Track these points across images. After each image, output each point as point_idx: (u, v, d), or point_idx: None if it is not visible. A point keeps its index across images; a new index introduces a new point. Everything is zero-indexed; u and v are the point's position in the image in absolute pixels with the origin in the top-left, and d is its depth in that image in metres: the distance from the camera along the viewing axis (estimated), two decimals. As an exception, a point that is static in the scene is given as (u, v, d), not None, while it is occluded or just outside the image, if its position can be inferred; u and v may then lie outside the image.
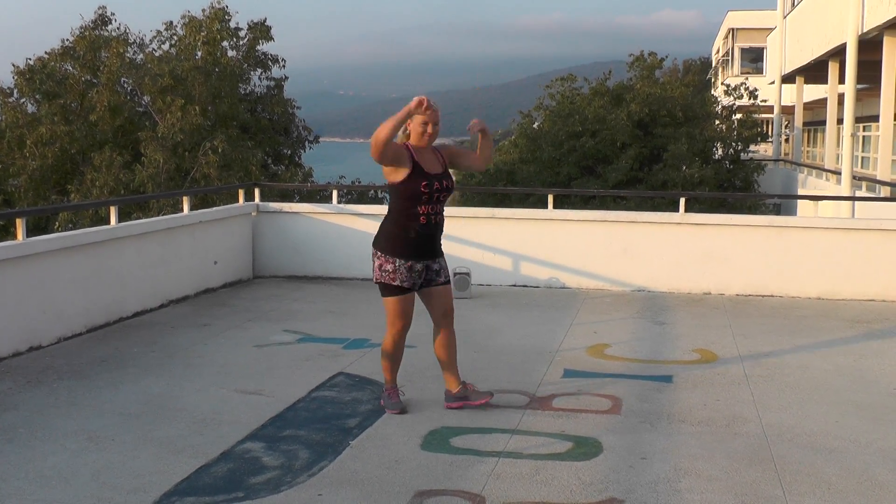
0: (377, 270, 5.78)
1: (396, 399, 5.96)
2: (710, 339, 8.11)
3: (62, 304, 7.91)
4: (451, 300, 5.98)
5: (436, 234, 5.83)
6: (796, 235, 10.31)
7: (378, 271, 5.77)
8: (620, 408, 6.05)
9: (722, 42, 51.25)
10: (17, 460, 5.02)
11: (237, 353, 7.43)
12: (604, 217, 10.80)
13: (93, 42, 24.92)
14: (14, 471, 4.86)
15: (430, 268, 5.85)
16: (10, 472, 4.84)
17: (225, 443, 5.29)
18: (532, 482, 4.73)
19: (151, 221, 9.69)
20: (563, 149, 25.37)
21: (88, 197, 21.73)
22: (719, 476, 4.84)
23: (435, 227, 5.79)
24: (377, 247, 5.80)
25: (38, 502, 4.49)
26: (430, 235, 5.79)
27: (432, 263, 5.86)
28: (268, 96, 27.59)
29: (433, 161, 5.80)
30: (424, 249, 5.79)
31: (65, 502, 4.48)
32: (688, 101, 26.53)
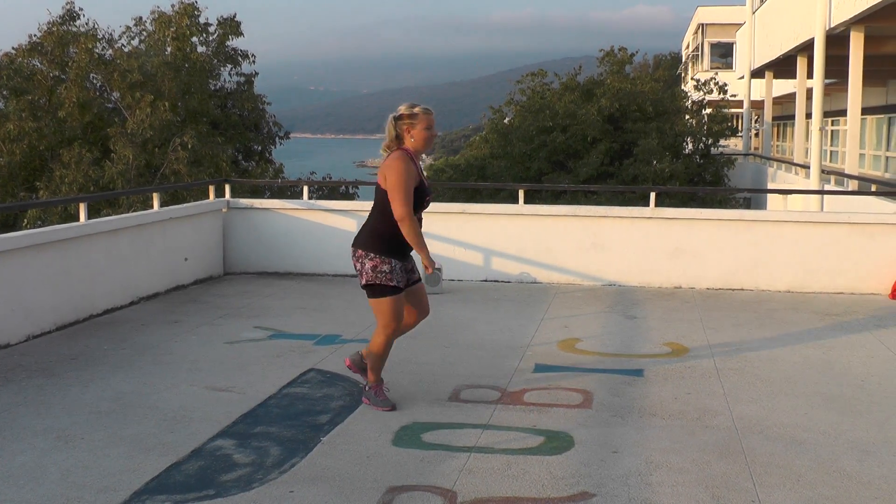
0: (370, 272, 5.68)
1: (384, 396, 5.95)
2: (680, 333, 8.15)
3: (31, 301, 7.84)
4: (426, 296, 6.10)
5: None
6: (766, 229, 10.38)
7: (371, 273, 5.68)
8: (592, 402, 6.07)
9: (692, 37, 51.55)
10: (-14, 460, 4.97)
11: (208, 350, 7.40)
12: (574, 212, 10.82)
13: (61, 37, 24.69)
14: (-18, 470, 4.82)
15: (408, 267, 5.90)
16: (-21, 472, 4.80)
17: (196, 440, 5.26)
18: (504, 477, 4.73)
19: (121, 218, 9.63)
20: (533, 144, 25.44)
21: (57, 194, 21.55)
22: (690, 469, 4.87)
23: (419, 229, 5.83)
24: (369, 249, 5.70)
25: (7, 502, 4.44)
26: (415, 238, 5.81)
27: (409, 262, 5.91)
28: (238, 92, 27.46)
29: (419, 168, 5.83)
30: (408, 250, 5.82)
31: (34, 502, 4.44)
32: (658, 96, 26.69)
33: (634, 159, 24.73)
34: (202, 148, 22.59)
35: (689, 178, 25.35)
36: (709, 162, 26.94)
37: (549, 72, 28.74)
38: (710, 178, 26.54)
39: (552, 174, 24.85)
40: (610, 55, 28.13)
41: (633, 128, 25.42)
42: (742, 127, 35.59)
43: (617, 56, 28.09)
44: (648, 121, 25.62)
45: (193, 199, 13.38)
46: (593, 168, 24.37)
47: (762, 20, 29.41)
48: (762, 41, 29.28)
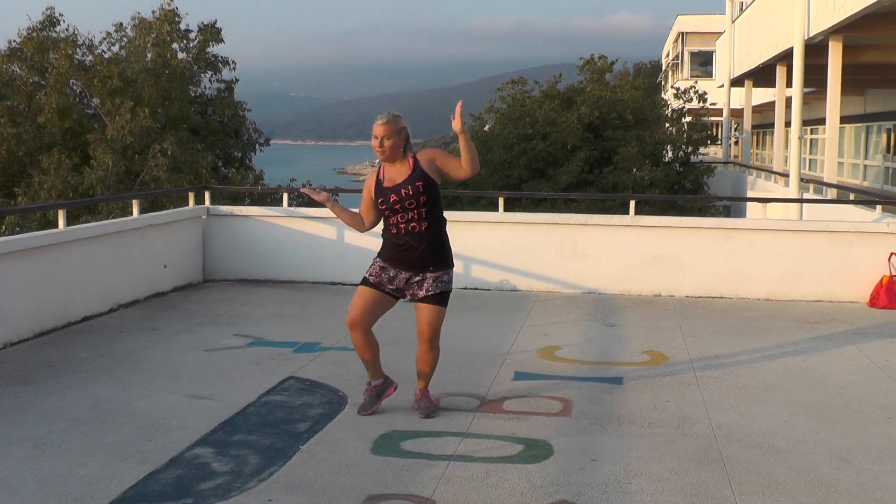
0: None
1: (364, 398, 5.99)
2: (660, 341, 8.17)
3: (9, 308, 7.79)
4: (429, 320, 5.78)
5: (417, 245, 5.67)
6: (745, 237, 10.42)
7: None
8: (571, 410, 6.07)
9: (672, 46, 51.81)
10: (-39, 468, 4.94)
11: (187, 358, 7.37)
12: (554, 220, 10.84)
13: (41, 43, 24.59)
14: (-42, 479, 4.78)
15: (410, 280, 5.74)
16: (-46, 481, 4.76)
17: (174, 449, 5.23)
18: (483, 485, 4.73)
19: (100, 225, 9.59)
20: (513, 151, 25.46)
21: (36, 200, 21.45)
22: (669, 477, 4.88)
23: (410, 235, 5.66)
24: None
25: (-17, 511, 4.42)
26: (407, 245, 5.68)
27: (414, 276, 5.73)
28: (218, 98, 27.42)
29: (400, 172, 5.70)
30: (402, 260, 5.71)
31: (10, 511, 4.42)
32: (638, 104, 26.77)
33: (614, 167, 24.78)
34: (182, 154, 22.54)
35: (668, 186, 25.42)
36: (689, 170, 27.03)
37: (529, 79, 28.80)
38: (689, 186, 26.62)
39: (532, 182, 24.87)
40: (590, 63, 28.19)
41: (612, 136, 25.48)
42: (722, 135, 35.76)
43: (597, 64, 28.15)
44: (628, 129, 25.68)
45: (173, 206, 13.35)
46: (573, 176, 24.40)
47: (742, 29, 29.58)
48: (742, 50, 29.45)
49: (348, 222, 6.06)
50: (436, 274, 5.73)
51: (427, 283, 5.72)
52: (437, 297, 5.75)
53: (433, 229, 5.71)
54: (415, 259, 5.70)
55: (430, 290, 5.72)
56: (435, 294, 5.73)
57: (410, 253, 5.69)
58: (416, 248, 5.68)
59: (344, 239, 10.83)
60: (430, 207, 5.69)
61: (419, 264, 5.71)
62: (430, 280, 5.72)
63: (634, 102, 26.62)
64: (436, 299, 5.75)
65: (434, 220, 5.72)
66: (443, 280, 5.75)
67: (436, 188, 5.71)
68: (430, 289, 5.72)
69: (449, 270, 5.81)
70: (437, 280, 5.73)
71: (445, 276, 5.77)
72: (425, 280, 5.72)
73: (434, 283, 5.73)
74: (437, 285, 5.73)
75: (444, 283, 5.76)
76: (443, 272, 5.75)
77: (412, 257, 5.70)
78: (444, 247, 5.80)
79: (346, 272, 10.84)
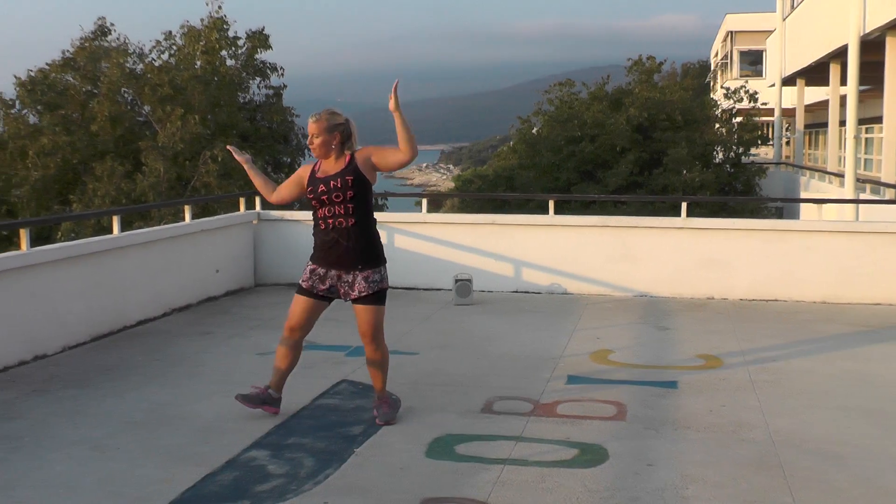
0: None
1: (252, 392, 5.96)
2: (713, 345, 8.09)
3: (66, 313, 7.90)
4: (367, 320, 5.77)
5: (344, 242, 5.66)
6: (799, 239, 10.29)
7: None
8: (625, 414, 6.03)
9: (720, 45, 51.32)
10: (24, 469, 5.01)
11: (240, 361, 7.42)
12: (605, 222, 10.78)
13: (93, 53, 24.93)
14: (20, 479, 4.86)
15: (341, 278, 5.73)
16: (17, 481, 4.83)
17: (230, 451, 5.27)
18: (538, 490, 4.71)
19: (153, 231, 9.69)
20: (562, 154, 25.39)
21: (90, 207, 21.73)
22: (726, 483, 4.82)
23: (336, 231, 5.66)
24: None
25: (44, 513, 4.48)
26: (334, 241, 5.68)
27: (344, 275, 5.72)
28: (267, 104, 27.59)
29: (334, 167, 5.72)
30: (330, 257, 5.71)
31: (70, 513, 4.47)
32: (687, 105, 26.56)
33: (664, 169, 24.61)
34: (232, 160, 22.70)
35: (719, 188, 25.20)
36: (740, 171, 26.77)
37: (576, 81, 28.69)
38: (741, 187, 26.37)
39: (581, 184, 24.77)
40: (638, 64, 28.02)
41: (662, 137, 25.30)
42: (773, 135, 35.37)
43: (645, 65, 27.98)
44: (678, 130, 25.48)
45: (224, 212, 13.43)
46: (622, 178, 24.26)
47: (793, 27, 29.24)
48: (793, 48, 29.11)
49: (260, 187, 6.16)
50: (365, 273, 5.71)
51: (358, 283, 5.70)
52: (372, 297, 5.73)
53: (360, 226, 5.68)
54: (343, 256, 5.69)
55: (363, 291, 5.70)
56: (368, 294, 5.72)
57: (338, 250, 5.68)
58: (342, 244, 5.67)
59: (393, 243, 10.85)
60: (358, 204, 5.67)
61: (348, 262, 5.69)
62: (361, 280, 5.70)
63: (683, 103, 26.42)
64: (370, 299, 5.73)
65: (361, 216, 5.70)
66: (373, 280, 5.72)
67: (366, 185, 5.70)
68: (363, 290, 5.70)
69: (380, 269, 5.77)
70: (368, 280, 5.71)
71: (376, 275, 5.74)
72: (356, 280, 5.70)
73: (365, 283, 5.70)
74: (370, 285, 5.71)
75: (376, 283, 5.74)
76: (372, 271, 5.73)
77: (340, 254, 5.68)
78: (373, 245, 5.77)
79: (396, 276, 10.76)
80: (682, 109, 26.16)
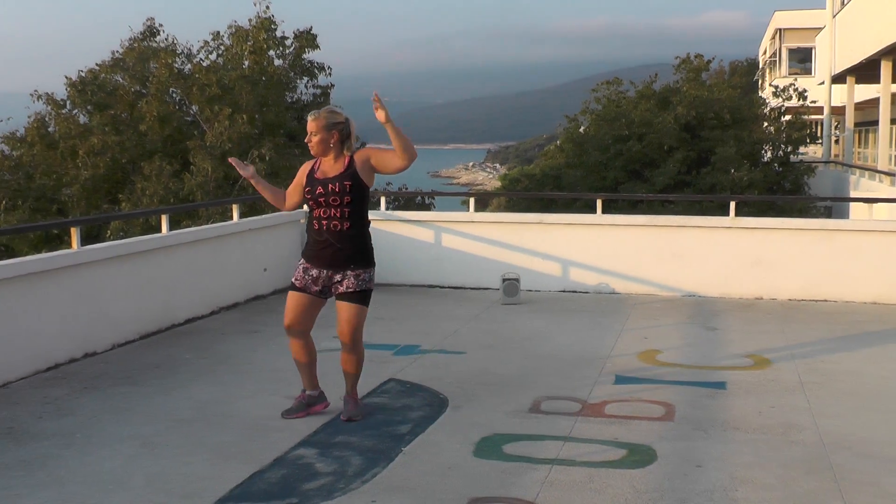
0: None
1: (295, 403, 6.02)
2: (762, 345, 8.01)
3: (115, 311, 7.99)
4: (346, 318, 5.78)
5: (337, 243, 5.71)
6: (849, 238, 10.15)
7: None
8: (674, 414, 5.99)
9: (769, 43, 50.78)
10: (75, 465, 5.08)
11: (287, 360, 7.39)
12: (653, 221, 10.72)
13: (141, 53, 25.16)
14: (71, 475, 4.92)
15: (332, 278, 5.77)
16: (68, 477, 4.90)
17: (277, 449, 5.30)
18: (586, 490, 4.69)
19: (201, 230, 9.78)
20: (609, 153, 25.24)
21: (138, 206, 21.93)
22: (776, 485, 4.77)
23: (330, 233, 5.71)
24: None
25: (95, 508, 4.53)
26: (327, 243, 5.72)
27: (334, 274, 5.75)
28: (314, 104, 27.67)
29: (333, 168, 5.76)
30: (322, 257, 5.75)
31: (121, 508, 4.52)
32: (735, 104, 26.28)
33: (712, 168, 24.38)
34: (279, 160, 22.81)
35: (768, 187, 24.91)
36: (788, 170, 26.45)
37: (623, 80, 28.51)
38: (789, 186, 26.05)
39: (628, 183, 24.60)
40: (686, 62, 27.77)
41: (710, 136, 25.05)
42: (822, 134, 34.94)
43: (693, 63, 27.73)
44: (726, 128, 25.22)
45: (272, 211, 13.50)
46: (670, 177, 24.06)
47: (843, 24, 28.87)
48: (843, 45, 28.74)
49: (270, 199, 6.18)
50: (356, 272, 5.74)
51: (348, 280, 5.74)
52: (357, 295, 5.75)
53: (354, 230, 5.72)
54: (335, 257, 5.73)
55: (351, 288, 5.74)
56: (355, 291, 5.74)
57: (330, 250, 5.72)
58: (335, 245, 5.71)
59: (441, 242, 10.87)
60: (354, 208, 5.70)
61: (340, 263, 5.73)
62: (352, 277, 5.74)
63: (731, 101, 26.14)
64: (356, 297, 5.75)
65: (356, 220, 5.73)
66: (363, 278, 5.75)
67: (363, 190, 5.73)
68: (351, 286, 5.74)
69: (370, 269, 5.80)
70: (358, 278, 5.74)
71: (366, 274, 5.77)
72: (346, 277, 5.74)
73: (355, 280, 5.74)
74: (358, 283, 5.74)
75: (365, 282, 5.76)
76: (363, 271, 5.76)
77: (332, 255, 5.72)
78: (366, 247, 5.80)
79: (444, 275, 10.88)
80: (731, 108, 25.88)
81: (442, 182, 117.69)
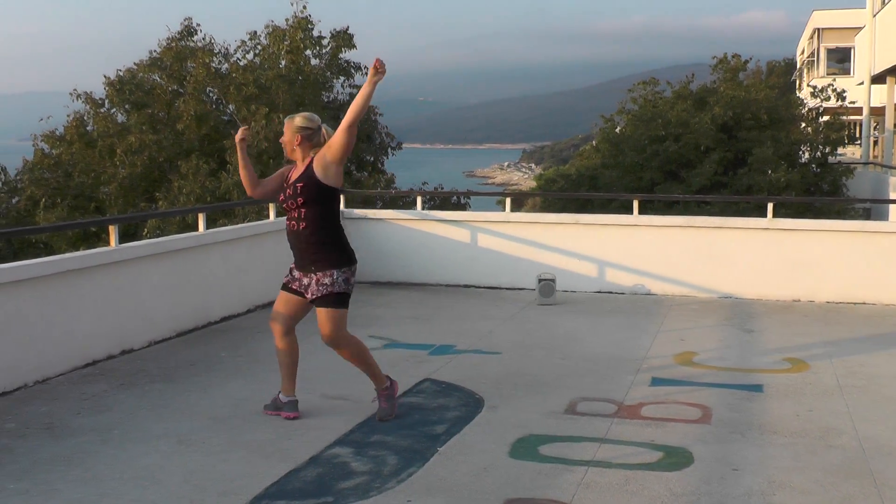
0: None
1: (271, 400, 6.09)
2: (800, 348, 7.94)
3: (152, 308, 8.05)
4: (320, 322, 5.79)
5: (297, 245, 5.77)
6: (889, 240, 10.03)
7: None
8: (710, 417, 5.94)
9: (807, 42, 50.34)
10: (112, 461, 5.12)
11: (322, 358, 7.44)
12: (690, 223, 10.65)
13: (179, 53, 25.31)
14: (109, 471, 4.96)
15: (301, 280, 5.83)
16: (106, 473, 4.94)
17: (313, 448, 5.32)
18: (622, 492, 4.66)
19: (238, 228, 9.83)
20: (645, 153, 25.10)
21: (175, 204, 22.08)
22: (814, 490, 4.72)
23: (292, 235, 5.78)
24: None
25: (132, 502, 4.56)
26: (292, 244, 5.81)
27: (302, 277, 5.81)
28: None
29: (297, 170, 5.84)
30: (295, 258, 5.86)
31: (157, 503, 4.55)
32: (772, 104, 26.04)
33: (749, 168, 24.18)
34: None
35: (805, 188, 24.67)
36: (826, 171, 26.17)
37: (660, 80, 28.33)
38: (827, 187, 25.77)
39: (664, 184, 24.43)
40: (723, 62, 27.54)
41: (747, 136, 24.84)
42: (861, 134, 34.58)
43: (730, 63, 27.52)
44: (763, 129, 24.99)
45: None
46: (706, 178, 23.87)
47: (884, 23, 28.55)
48: (883, 45, 28.42)
49: (242, 177, 6.16)
50: (317, 276, 5.72)
51: (311, 285, 5.75)
52: (324, 300, 5.71)
53: (310, 231, 5.70)
54: (300, 259, 5.81)
55: (315, 294, 5.73)
56: (323, 296, 5.71)
57: (296, 252, 5.83)
58: (296, 247, 5.79)
59: (477, 242, 10.86)
60: (309, 210, 5.69)
61: (303, 265, 5.79)
62: (314, 283, 5.73)
63: (769, 102, 25.90)
64: (323, 301, 5.71)
65: (312, 222, 5.71)
66: (324, 283, 5.69)
67: (319, 191, 5.67)
68: (315, 292, 5.73)
69: (331, 272, 5.69)
70: (319, 283, 5.71)
71: (326, 278, 5.68)
72: (311, 283, 5.75)
73: (317, 285, 5.71)
74: (319, 288, 5.70)
75: (325, 287, 5.68)
76: (324, 274, 5.70)
77: (298, 257, 5.83)
78: (326, 249, 5.73)
79: (479, 275, 10.87)
80: (768, 108, 25.66)
81: (477, 182, 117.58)
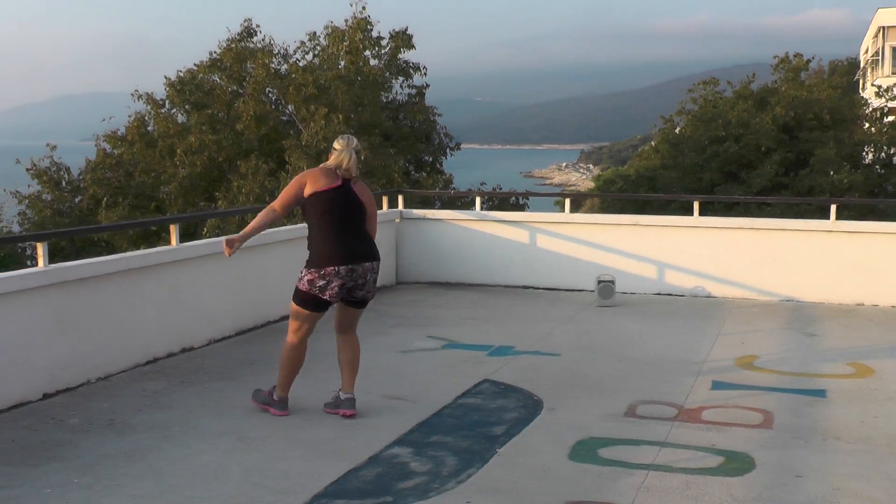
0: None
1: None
2: (864, 353, 7.80)
3: (212, 307, 8.13)
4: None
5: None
6: (957, 244, 9.83)
7: None
8: (772, 422, 5.86)
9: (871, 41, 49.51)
10: (173, 457, 5.18)
11: (381, 359, 7.49)
12: (751, 224, 10.53)
13: (239, 54, 25.54)
14: (170, 467, 5.02)
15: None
16: (167, 469, 4.99)
17: (372, 447, 5.33)
18: (683, 497, 4.61)
19: (296, 228, 9.87)
20: (705, 154, 24.88)
21: (234, 204, 22.26)
22: (880, 498, 4.63)
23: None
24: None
25: (193, 499, 4.60)
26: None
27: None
28: (409, 104, 27.78)
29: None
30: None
31: (218, 499, 4.59)
32: (835, 104, 25.67)
33: (810, 170, 23.86)
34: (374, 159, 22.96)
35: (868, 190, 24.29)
36: (891, 172, 25.76)
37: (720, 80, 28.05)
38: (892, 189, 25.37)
39: (724, 185, 24.20)
40: (785, 62, 27.21)
41: (808, 137, 24.53)
42: (927, 136, 33.92)
43: (792, 62, 27.17)
44: (825, 130, 24.66)
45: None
46: (767, 179, 23.61)
47: (950, 24, 28.02)
48: (950, 46, 27.89)
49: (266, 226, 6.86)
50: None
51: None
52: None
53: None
54: None
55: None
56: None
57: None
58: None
59: (536, 243, 10.82)
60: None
61: None
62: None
63: (831, 102, 25.54)
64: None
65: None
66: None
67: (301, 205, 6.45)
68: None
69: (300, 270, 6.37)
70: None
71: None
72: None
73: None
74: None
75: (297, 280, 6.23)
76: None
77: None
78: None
79: (538, 276, 10.84)
80: (830, 108, 25.30)
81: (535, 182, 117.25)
